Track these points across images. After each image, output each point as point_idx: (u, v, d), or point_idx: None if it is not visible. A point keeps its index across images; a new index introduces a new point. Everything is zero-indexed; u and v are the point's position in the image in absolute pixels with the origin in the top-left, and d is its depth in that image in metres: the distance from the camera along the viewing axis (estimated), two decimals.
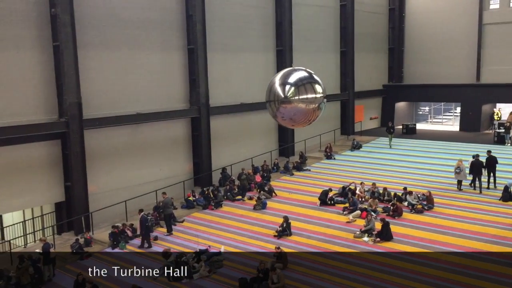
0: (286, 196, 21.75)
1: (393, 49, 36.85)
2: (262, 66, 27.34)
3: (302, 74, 9.73)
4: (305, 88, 9.50)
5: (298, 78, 9.58)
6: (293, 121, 9.99)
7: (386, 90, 36.71)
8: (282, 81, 9.55)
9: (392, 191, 20.27)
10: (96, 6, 19.59)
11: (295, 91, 9.37)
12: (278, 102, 9.49)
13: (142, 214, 17.19)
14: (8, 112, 17.43)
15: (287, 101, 9.35)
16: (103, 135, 20.14)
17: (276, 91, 9.50)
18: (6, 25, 17.19)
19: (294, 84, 9.47)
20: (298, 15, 28.61)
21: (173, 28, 22.61)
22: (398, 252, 15.17)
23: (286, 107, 9.43)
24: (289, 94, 9.33)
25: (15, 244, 18.74)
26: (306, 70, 9.87)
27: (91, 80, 19.50)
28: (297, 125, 10.38)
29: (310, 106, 9.56)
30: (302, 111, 9.56)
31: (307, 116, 9.75)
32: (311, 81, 9.69)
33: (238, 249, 16.28)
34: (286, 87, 9.40)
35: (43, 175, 18.69)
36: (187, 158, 23.82)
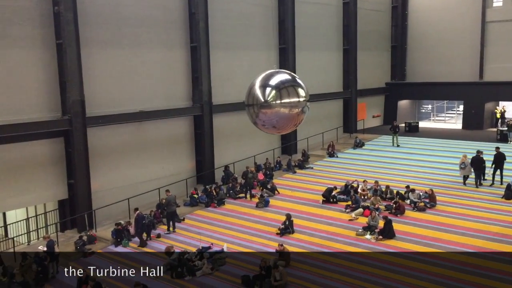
0: (288, 194, 21.78)
1: (396, 47, 36.79)
2: (265, 64, 27.25)
3: (284, 76, 8.87)
4: (287, 91, 8.65)
5: (280, 81, 8.73)
6: (277, 128, 9.21)
7: (389, 88, 36.66)
8: (263, 83, 8.74)
9: (394, 189, 20.28)
10: (99, 3, 19.62)
11: (276, 95, 8.53)
12: (257, 107, 8.68)
13: (138, 213, 17.26)
14: (12, 110, 17.48)
15: (267, 105, 8.52)
16: (106, 133, 20.19)
17: (256, 94, 8.69)
18: (10, 23, 17.23)
19: (276, 87, 8.62)
20: (301, 13, 28.58)
21: (176, 26, 22.63)
22: (400, 250, 15.18)
23: (266, 112, 8.61)
24: (269, 97, 8.51)
25: (19, 242, 18.79)
26: (289, 72, 9.09)
27: (94, 78, 19.54)
28: (282, 131, 9.52)
29: (293, 110, 8.69)
30: (285, 116, 8.72)
31: (291, 121, 8.90)
32: (294, 84, 8.83)
33: (241, 246, 16.32)
34: (266, 90, 8.58)
35: (46, 172, 18.76)
36: (189, 156, 23.86)
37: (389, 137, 30.12)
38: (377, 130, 33.73)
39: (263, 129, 9.35)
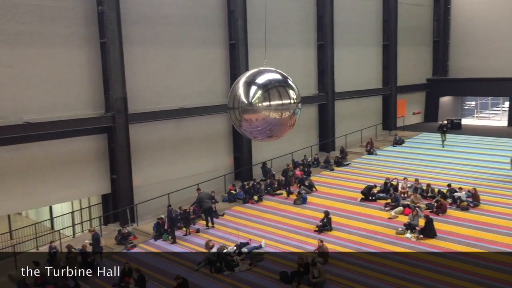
0: (326, 191, 21.68)
1: (438, 42, 35.85)
2: (302, 61, 27.26)
3: (273, 75, 7.67)
4: (277, 92, 7.48)
5: (268, 80, 7.54)
6: (267, 135, 7.83)
7: (430, 84, 35.79)
8: (248, 83, 7.55)
9: (436, 187, 19.85)
10: (141, 3, 20.05)
11: (263, 96, 7.32)
12: (240, 110, 7.47)
13: (169, 208, 17.69)
14: (58, 107, 18.12)
15: (252, 108, 7.29)
16: (146, 129, 20.65)
17: (239, 95, 7.47)
18: (56, 23, 17.85)
19: (263, 86, 7.43)
20: (340, 8, 28.30)
21: (215, 24, 22.85)
22: (442, 250, 14.88)
23: (251, 117, 7.37)
24: (254, 99, 7.29)
25: (64, 234, 19.52)
26: (279, 71, 7.84)
27: (136, 76, 20.00)
28: (275, 137, 8.01)
29: (284, 114, 7.50)
30: (273, 121, 7.44)
31: (284, 125, 7.66)
32: (284, 85, 7.63)
33: (279, 243, 16.40)
34: (251, 91, 7.39)
35: (91, 167, 19.36)
36: (228, 153, 24.10)
37: (430, 135, 29.50)
38: (418, 127, 33.03)
39: (251, 137, 8.14)
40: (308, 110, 27.80)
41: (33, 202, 18.54)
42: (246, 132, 7.77)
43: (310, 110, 27.94)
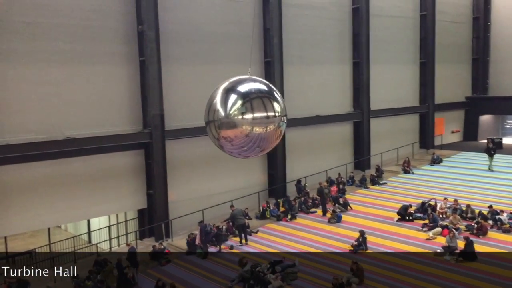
0: (361, 210, 21.35)
1: (477, 60, 35.09)
2: (338, 78, 27.18)
3: (256, 85, 6.80)
4: (259, 103, 6.58)
5: (250, 90, 6.66)
6: (254, 151, 6.98)
7: (469, 103, 34.96)
8: (226, 93, 6.68)
9: (476, 208, 19.25)
10: (179, 22, 20.53)
11: (242, 108, 6.42)
12: (218, 124, 6.59)
13: (201, 224, 17.90)
14: (98, 123, 18.65)
15: (230, 121, 6.42)
16: (182, 145, 20.94)
17: (216, 107, 6.61)
18: (98, 42, 18.49)
19: (244, 96, 6.54)
20: (376, 26, 28.18)
21: (250, 42, 23.09)
22: (483, 273, 14.36)
23: (230, 133, 6.52)
24: (232, 111, 6.42)
25: (101, 248, 19.88)
26: (263, 81, 7.05)
27: (173, 93, 20.40)
28: (264, 151, 7.07)
29: (269, 127, 6.56)
30: (256, 137, 6.57)
31: (270, 139, 6.76)
32: (268, 96, 6.73)
33: (313, 261, 16.19)
34: (229, 101, 6.51)
35: (128, 182, 19.75)
36: (262, 170, 24.13)
37: (470, 154, 28.73)
38: (457, 146, 32.22)
39: (234, 156, 7.20)
40: (343, 127, 27.61)
41: (73, 216, 19.00)
42: (226, 147, 7.00)
43: (345, 127, 27.74)
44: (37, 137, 17.12)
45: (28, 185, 17.31)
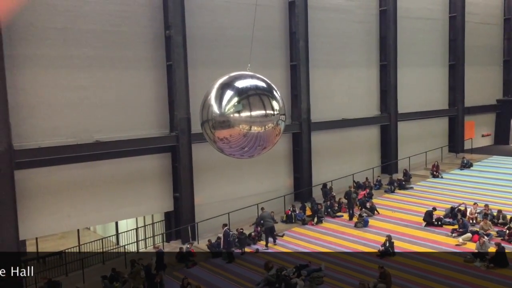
0: (389, 214, 21.05)
1: (509, 62, 34.25)
2: (364, 81, 26.94)
3: (254, 82, 6.42)
4: (257, 101, 6.27)
5: (246, 87, 6.32)
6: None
7: (501, 105, 34.12)
8: (221, 90, 6.36)
9: (507, 214, 18.75)
10: (205, 26, 20.72)
11: (239, 105, 6.11)
12: (212, 123, 6.24)
13: (226, 229, 17.73)
14: (126, 127, 18.97)
15: (225, 119, 6.07)
16: (209, 148, 20.77)
17: (211, 105, 6.31)
18: (127, 47, 18.82)
19: (240, 93, 6.20)
20: (403, 28, 27.82)
21: (276, 46, 23.15)
22: None
23: (226, 133, 6.15)
24: (228, 109, 6.09)
25: (128, 250, 20.16)
26: (262, 77, 6.57)
27: (199, 97, 20.30)
28: (264, 150, 6.93)
29: (267, 126, 6.30)
30: (253, 136, 6.28)
31: (268, 137, 6.60)
32: (266, 93, 6.36)
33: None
34: (224, 98, 6.19)
35: (155, 185, 19.99)
36: (288, 173, 24.07)
37: (501, 158, 28.03)
38: (487, 150, 31.49)
39: (232, 156, 6.79)
40: (370, 130, 27.32)
41: (101, 218, 19.35)
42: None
43: (372, 131, 27.44)
44: (67, 140, 17.53)
45: (58, 188, 17.72)
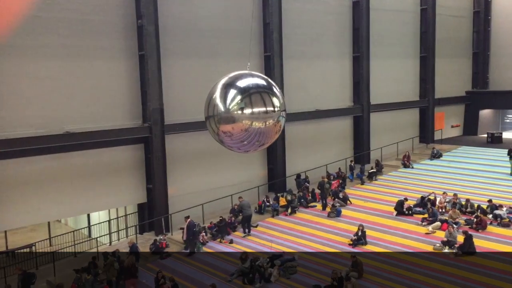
0: (361, 204, 21.38)
1: (478, 54, 35.07)
2: (338, 73, 27.15)
3: (256, 80, 7.01)
4: (259, 98, 6.79)
5: (249, 85, 6.87)
6: (254, 145, 7.19)
7: (470, 97, 34.97)
8: (226, 88, 6.88)
9: (475, 202, 19.28)
10: (178, 17, 20.48)
11: (241, 103, 6.63)
12: (218, 118, 6.81)
13: (189, 220, 17.61)
14: (97, 118, 18.64)
15: (230, 116, 6.63)
16: (182, 140, 20.94)
17: (216, 102, 6.80)
18: (98, 36, 18.43)
19: (243, 91, 6.74)
20: (376, 20, 28.11)
21: (250, 37, 23.02)
22: (482, 267, 14.39)
23: (230, 128, 6.71)
24: (232, 106, 6.61)
25: (101, 242, 19.93)
26: (262, 76, 7.26)
27: (173, 87, 20.38)
28: (263, 146, 7.41)
29: (268, 122, 6.77)
30: (256, 132, 6.76)
31: (269, 133, 6.97)
32: (267, 91, 6.90)
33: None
34: (229, 96, 6.72)
35: (127, 177, 19.76)
36: (262, 164, 24.15)
37: (470, 148, 28.75)
38: (456, 141, 32.26)
39: (235, 150, 7.43)
40: (343, 121, 27.60)
41: (72, 210, 19.02)
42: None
43: (345, 122, 27.73)
44: (37, 131, 17.12)
45: (28, 180, 17.33)
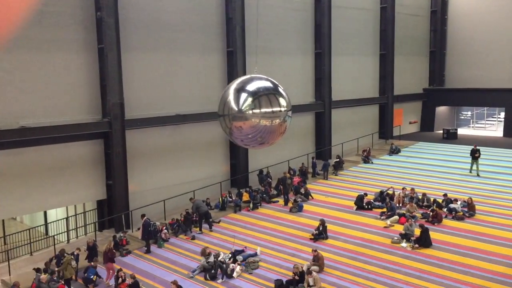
0: (322, 199, 21.68)
1: (435, 52, 36.14)
2: (300, 69, 27.37)
3: (264, 83, 7.88)
4: (267, 99, 7.67)
5: (258, 88, 7.73)
6: (258, 142, 8.09)
7: (427, 94, 36.03)
8: (238, 90, 7.71)
9: (431, 197, 19.90)
10: (140, 9, 20.10)
11: (253, 103, 7.48)
12: (230, 117, 7.66)
13: (145, 219, 17.42)
14: (55, 112, 18.10)
15: (242, 116, 7.46)
16: (143, 135, 20.63)
17: (229, 102, 7.64)
18: (55, 28, 17.85)
19: (253, 94, 7.58)
20: (337, 17, 28.49)
21: (212, 31, 22.93)
22: (437, 259, 14.88)
23: (242, 125, 7.54)
24: (244, 106, 7.44)
25: (58, 240, 19.41)
26: (269, 79, 8.08)
27: (133, 82, 20.02)
28: (266, 144, 8.27)
29: (274, 121, 7.69)
30: (264, 129, 7.62)
31: (273, 133, 7.87)
32: (274, 92, 7.81)
33: (274, 251, 16.35)
34: (241, 98, 7.54)
35: (86, 173, 19.30)
36: (224, 159, 24.10)
37: (427, 144, 29.61)
38: (414, 137, 33.19)
39: (242, 144, 8.23)
40: (305, 118, 27.86)
41: (28, 207, 18.42)
42: (237, 139, 7.92)
43: (306, 118, 28.00)
44: None
45: None
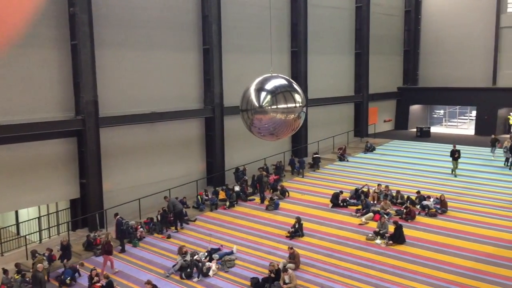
0: (298, 197, 21.79)
1: (409, 52, 36.69)
2: (276, 67, 27.32)
3: (280, 81, 8.86)
4: (284, 96, 8.60)
5: (276, 86, 8.70)
6: (274, 135, 9.03)
7: (401, 93, 36.55)
8: (258, 88, 8.70)
9: (405, 194, 20.21)
10: (114, 5, 19.80)
11: (271, 100, 8.48)
12: (252, 112, 8.64)
13: (118, 218, 17.27)
14: (26, 109, 17.67)
15: (262, 111, 8.47)
16: (118, 133, 20.35)
17: (251, 99, 8.63)
18: (28, 23, 17.39)
19: (271, 92, 8.58)
20: (314, 16, 28.63)
21: (188, 29, 22.75)
22: (411, 256, 15.12)
23: (261, 118, 8.55)
24: (265, 103, 8.45)
25: (30, 240, 18.99)
26: (286, 77, 9.12)
27: (108, 79, 19.71)
28: (279, 137, 9.20)
29: (289, 116, 8.63)
30: (280, 122, 8.61)
31: (288, 127, 8.82)
32: (290, 90, 8.77)
33: (250, 249, 16.36)
34: (261, 95, 8.53)
35: (59, 172, 18.93)
36: (200, 158, 23.97)
37: (401, 142, 30.01)
38: (388, 135, 33.64)
39: (259, 136, 9.11)
40: None
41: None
42: (255, 129, 8.87)
43: None
44: None
45: None
